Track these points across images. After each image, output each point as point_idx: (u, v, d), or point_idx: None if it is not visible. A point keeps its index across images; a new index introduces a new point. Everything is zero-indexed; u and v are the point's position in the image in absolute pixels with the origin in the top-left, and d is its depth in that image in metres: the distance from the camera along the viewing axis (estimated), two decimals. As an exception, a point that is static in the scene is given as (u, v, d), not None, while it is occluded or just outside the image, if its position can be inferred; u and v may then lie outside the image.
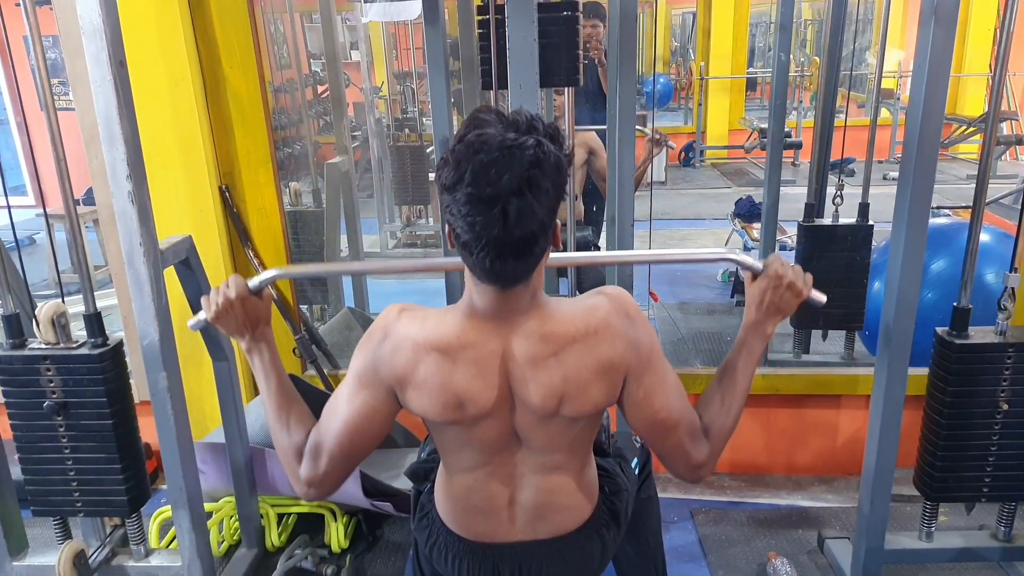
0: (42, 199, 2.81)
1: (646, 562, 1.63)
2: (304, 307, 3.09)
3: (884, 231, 1.99)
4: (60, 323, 1.67)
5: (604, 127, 2.66)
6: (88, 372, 1.65)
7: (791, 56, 4.25)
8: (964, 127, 7.28)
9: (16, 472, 1.77)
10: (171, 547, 2.18)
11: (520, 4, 1.64)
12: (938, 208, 4.57)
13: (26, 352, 1.67)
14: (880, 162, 7.36)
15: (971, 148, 7.61)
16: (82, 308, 1.68)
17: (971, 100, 8.11)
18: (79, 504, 1.76)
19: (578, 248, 2.58)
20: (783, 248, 3.62)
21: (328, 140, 4.97)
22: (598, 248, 2.93)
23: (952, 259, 2.60)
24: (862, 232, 2.53)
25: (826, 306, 2.83)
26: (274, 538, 2.21)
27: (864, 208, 2.59)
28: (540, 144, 1.00)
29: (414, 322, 1.15)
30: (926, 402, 1.80)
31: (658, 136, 2.69)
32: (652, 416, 1.18)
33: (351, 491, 2.09)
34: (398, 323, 1.15)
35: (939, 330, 1.75)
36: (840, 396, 2.49)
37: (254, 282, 1.31)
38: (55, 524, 1.84)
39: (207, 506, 2.16)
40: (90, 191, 2.33)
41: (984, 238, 2.11)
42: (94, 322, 1.68)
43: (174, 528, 1.80)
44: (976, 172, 1.73)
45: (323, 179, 3.66)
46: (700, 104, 8.66)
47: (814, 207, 2.68)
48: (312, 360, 2.58)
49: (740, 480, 2.57)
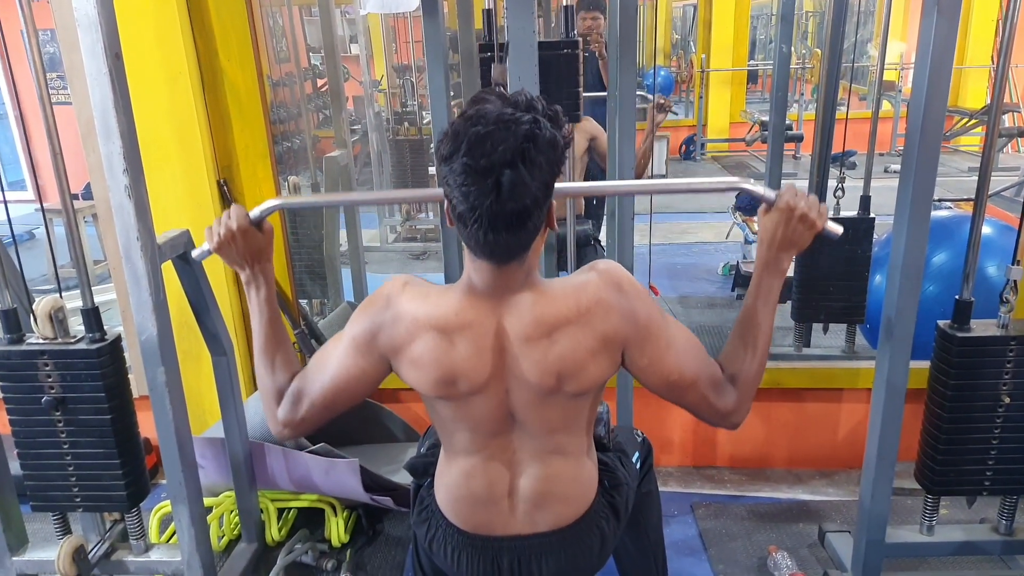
0: (39, 194, 2.82)
1: (646, 556, 1.63)
2: (304, 301, 3.09)
3: (886, 224, 1.98)
4: (58, 318, 1.67)
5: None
6: (86, 367, 1.65)
7: (792, 48, 4.24)
8: (966, 119, 7.26)
9: (15, 468, 1.77)
10: (171, 542, 2.18)
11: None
12: (940, 201, 4.55)
13: (24, 347, 1.66)
14: (881, 155, 7.35)
15: (973, 140, 7.59)
16: (80, 303, 1.68)
17: (973, 92, 8.09)
18: (78, 499, 1.76)
19: (578, 243, 2.57)
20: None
21: (327, 134, 4.96)
22: (598, 242, 2.92)
23: (954, 252, 2.59)
24: (864, 225, 2.52)
25: (827, 300, 2.80)
26: (274, 533, 2.22)
27: (865, 201, 2.58)
28: (537, 121, 1.03)
29: (416, 298, 1.17)
30: (927, 395, 1.79)
31: (661, 101, 2.66)
32: (665, 379, 1.19)
33: (351, 486, 2.08)
34: (402, 295, 1.18)
35: (941, 323, 1.74)
36: (841, 389, 2.49)
37: (255, 212, 1.31)
38: (54, 519, 1.84)
39: (207, 501, 2.17)
40: (89, 186, 2.32)
41: (986, 231, 2.10)
42: (92, 317, 1.67)
43: (174, 523, 1.80)
44: (978, 165, 1.72)
45: (322, 173, 3.66)
46: (701, 97, 8.64)
47: (816, 201, 2.67)
48: (311, 354, 2.57)
49: (741, 474, 2.57)
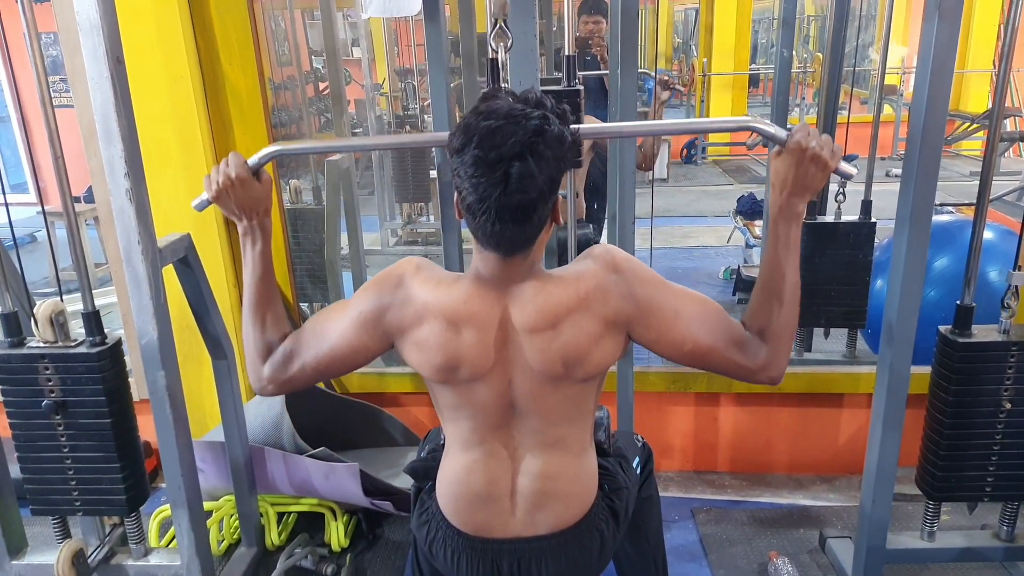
0: (41, 197, 2.82)
1: (646, 561, 1.63)
2: (304, 305, 3.09)
3: (887, 228, 1.98)
4: (59, 321, 1.67)
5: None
6: (87, 371, 1.65)
7: (794, 52, 4.24)
8: (968, 124, 7.26)
9: (15, 471, 1.77)
10: (171, 546, 2.18)
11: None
12: (941, 205, 4.55)
13: (25, 351, 1.67)
14: (883, 159, 7.35)
15: (975, 145, 7.59)
16: (81, 306, 1.68)
17: (975, 96, 8.09)
18: (78, 503, 1.76)
19: (579, 247, 2.56)
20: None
21: (329, 137, 4.97)
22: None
23: (955, 257, 2.59)
24: (865, 229, 2.52)
25: (828, 304, 2.78)
26: (274, 537, 2.21)
27: (867, 205, 2.58)
28: (546, 117, 1.06)
29: (427, 282, 1.19)
30: (928, 401, 1.79)
31: (665, 79, 2.64)
32: (679, 349, 1.19)
33: (351, 490, 2.08)
34: (415, 278, 1.20)
35: (942, 328, 1.74)
36: (842, 395, 2.48)
37: (253, 160, 1.29)
38: (54, 523, 1.84)
39: (207, 505, 2.16)
40: (91, 189, 2.33)
41: (987, 235, 2.10)
42: (93, 320, 1.68)
43: (173, 527, 1.80)
44: (980, 169, 1.72)
45: (323, 176, 3.65)
46: (702, 101, 8.64)
47: (816, 204, 2.67)
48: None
49: (741, 479, 2.57)
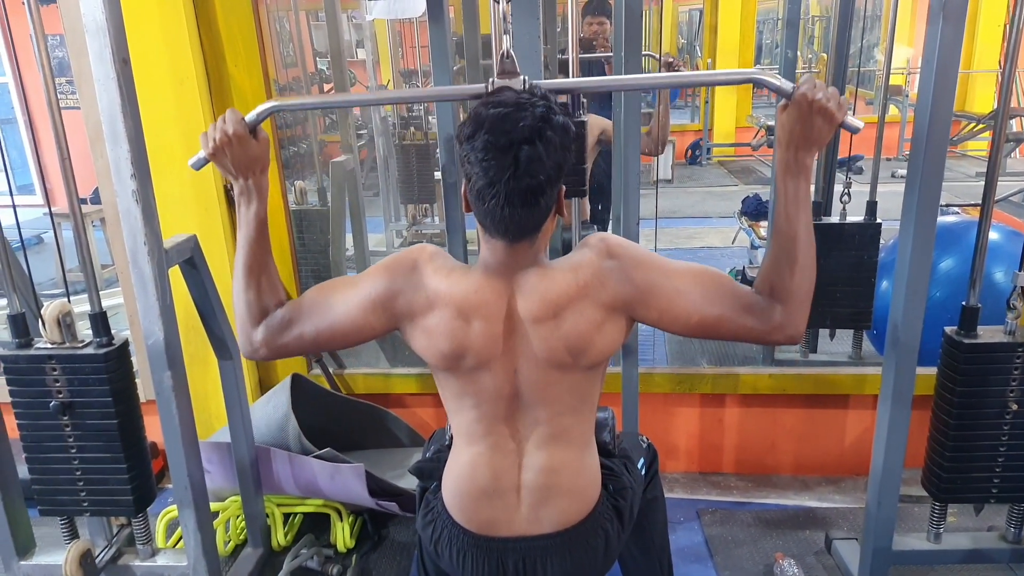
0: (48, 198, 2.83)
1: (652, 563, 1.63)
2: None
3: (892, 229, 1.98)
4: (66, 322, 1.68)
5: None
6: (94, 371, 1.66)
7: (798, 53, 4.23)
8: (973, 124, 7.23)
9: (23, 471, 1.77)
10: (177, 547, 2.19)
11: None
12: (947, 206, 4.54)
13: (32, 352, 1.67)
14: (888, 159, 7.34)
15: (981, 145, 7.57)
16: (88, 307, 1.69)
17: (981, 97, 8.07)
18: (85, 504, 1.77)
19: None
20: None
21: (333, 139, 4.99)
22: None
23: (961, 258, 2.58)
24: (870, 230, 2.52)
25: (834, 305, 2.77)
26: (280, 537, 2.22)
27: (872, 206, 2.58)
28: (550, 107, 1.12)
29: (440, 271, 1.21)
30: (934, 402, 1.78)
31: (669, 59, 2.63)
32: (685, 323, 1.20)
33: (356, 490, 2.08)
34: (428, 265, 1.22)
35: (948, 329, 1.73)
36: (848, 396, 2.48)
37: (250, 116, 1.27)
38: (62, 524, 1.85)
39: (213, 505, 2.16)
40: (97, 190, 2.34)
41: (993, 236, 2.09)
42: (99, 321, 1.68)
43: (180, 527, 1.80)
44: (985, 169, 1.71)
45: (328, 178, 3.66)
46: (707, 102, 8.63)
47: (822, 205, 2.67)
48: (317, 359, 2.58)
49: (747, 480, 2.56)
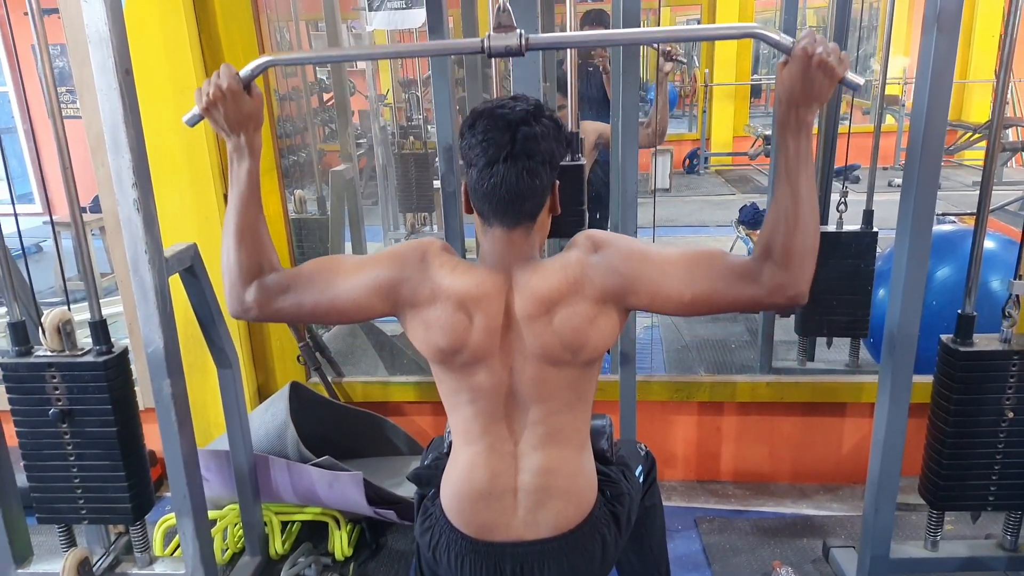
0: (48, 207, 2.84)
1: (650, 570, 1.63)
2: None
3: (889, 238, 1.99)
4: (66, 330, 1.68)
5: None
6: (93, 379, 1.66)
7: (795, 63, 4.23)
8: (969, 133, 7.26)
9: (21, 479, 1.78)
10: (175, 555, 2.18)
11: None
12: (943, 215, 4.56)
13: (32, 359, 1.68)
14: (885, 169, 7.36)
15: (976, 155, 7.59)
16: (88, 315, 1.69)
17: (977, 106, 8.10)
18: (84, 511, 1.77)
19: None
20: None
21: (333, 148, 4.99)
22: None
23: (957, 266, 2.59)
24: (866, 239, 2.53)
25: (831, 314, 2.77)
26: (278, 546, 2.21)
27: (868, 215, 2.59)
28: (541, 105, 1.21)
29: (446, 266, 1.24)
30: (931, 410, 1.79)
31: (668, 48, 2.61)
32: (678, 303, 1.21)
33: (354, 499, 2.09)
34: (436, 259, 1.25)
35: (944, 337, 1.74)
36: (845, 404, 2.48)
37: (245, 71, 1.26)
38: (60, 531, 1.85)
39: (211, 513, 2.16)
40: (97, 199, 2.35)
41: (989, 245, 2.11)
42: (99, 329, 1.69)
43: (178, 536, 1.80)
44: (981, 179, 1.73)
45: (328, 187, 3.68)
46: (704, 111, 8.66)
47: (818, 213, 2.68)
48: (316, 367, 2.58)
49: (744, 488, 2.56)
